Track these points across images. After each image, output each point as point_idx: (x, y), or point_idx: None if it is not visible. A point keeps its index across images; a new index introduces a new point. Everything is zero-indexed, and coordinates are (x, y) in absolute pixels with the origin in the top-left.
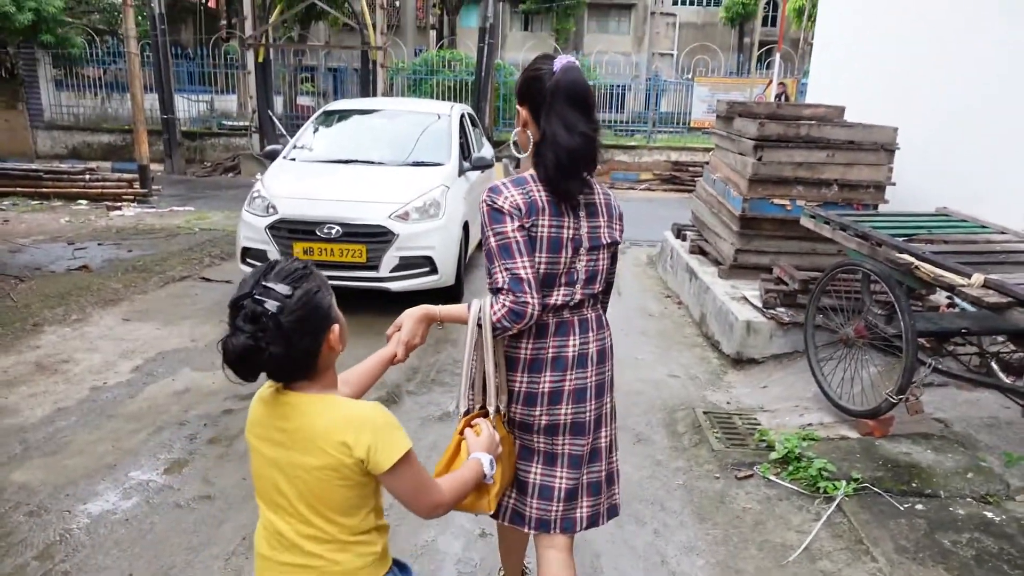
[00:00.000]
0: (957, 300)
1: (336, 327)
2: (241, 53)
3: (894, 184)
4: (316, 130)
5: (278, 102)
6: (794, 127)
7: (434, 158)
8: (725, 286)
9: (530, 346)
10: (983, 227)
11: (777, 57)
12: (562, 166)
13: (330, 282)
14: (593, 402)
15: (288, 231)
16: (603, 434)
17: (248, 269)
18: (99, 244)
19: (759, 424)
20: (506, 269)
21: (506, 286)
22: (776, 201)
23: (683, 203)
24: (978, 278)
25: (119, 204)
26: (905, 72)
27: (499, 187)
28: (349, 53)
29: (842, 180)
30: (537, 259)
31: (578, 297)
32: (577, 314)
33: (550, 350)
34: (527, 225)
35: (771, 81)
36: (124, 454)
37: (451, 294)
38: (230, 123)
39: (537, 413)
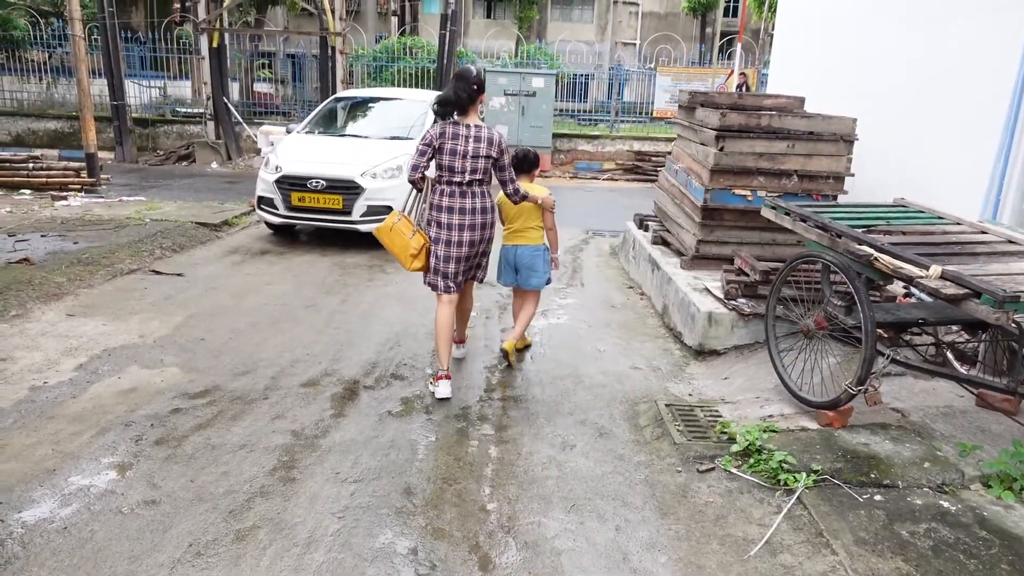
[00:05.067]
0: (914, 291)
1: None
2: (195, 38)
3: (853, 175)
4: (325, 111)
5: (234, 89)
6: (755, 117)
7: (407, 134)
8: (687, 277)
9: (444, 200)
10: (939, 218)
11: (738, 47)
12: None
13: (315, 222)
14: (465, 233)
15: (288, 184)
16: (474, 252)
17: (263, 214)
18: (42, 236)
19: (721, 416)
20: (414, 166)
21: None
22: (738, 192)
23: (646, 193)
24: (936, 270)
25: (65, 194)
26: (864, 63)
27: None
28: (308, 39)
29: (802, 171)
30: (441, 159)
31: (467, 178)
32: (467, 188)
33: (445, 199)
34: (435, 143)
35: (732, 71)
36: (64, 458)
37: None
38: (184, 110)
39: (444, 226)
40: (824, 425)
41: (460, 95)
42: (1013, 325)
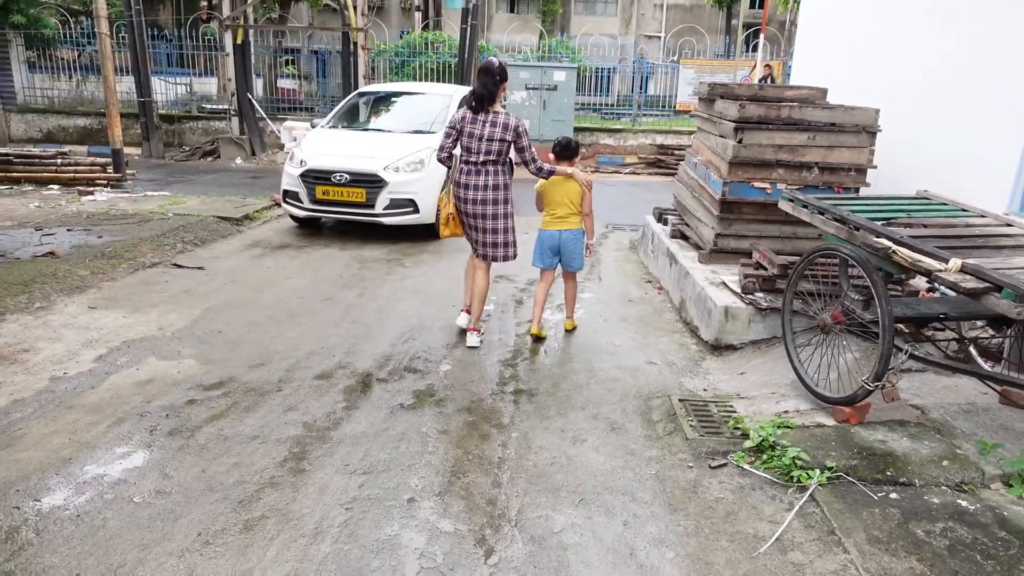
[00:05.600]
0: (937, 285)
1: None
2: (219, 34)
3: (876, 167)
4: (348, 106)
5: (258, 85)
6: (775, 109)
7: (429, 128)
8: (705, 271)
9: (461, 176)
10: (963, 211)
11: (762, 39)
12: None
13: (339, 216)
14: (477, 206)
15: (313, 177)
16: (488, 227)
17: (288, 207)
18: (68, 230)
19: (735, 412)
20: (440, 146)
21: (439, 151)
22: (757, 184)
23: (667, 187)
24: (955, 263)
25: (91, 189)
26: (889, 54)
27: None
28: (332, 35)
29: (823, 163)
30: (462, 140)
31: (482, 158)
32: (482, 167)
33: (462, 176)
34: (457, 127)
35: (756, 64)
36: (80, 447)
37: (431, 230)
38: (210, 106)
39: (461, 200)
40: (840, 421)
41: (489, 88)
42: None
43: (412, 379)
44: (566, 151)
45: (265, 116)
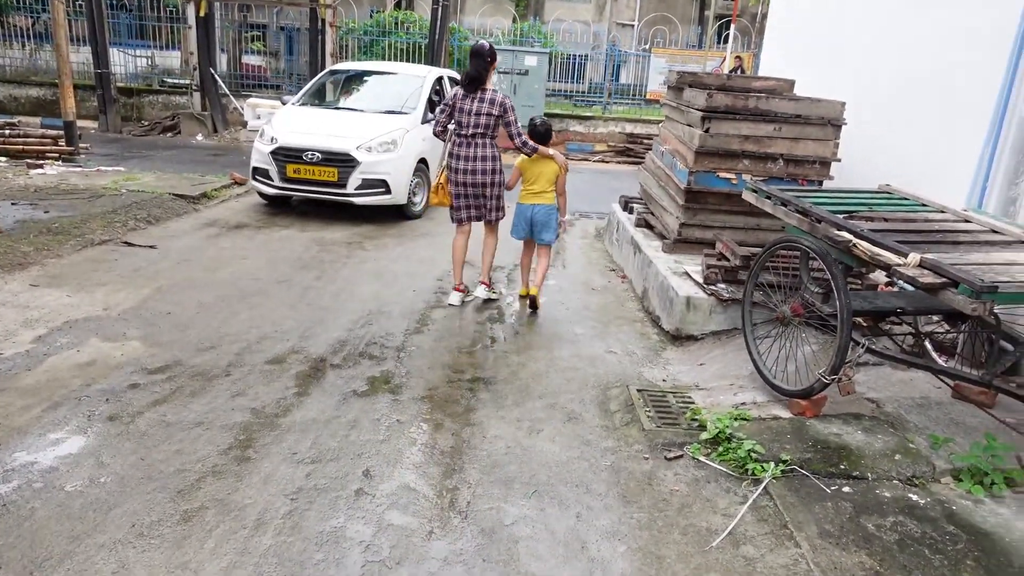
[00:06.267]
0: (895, 279)
1: None
2: (182, 6)
3: (840, 160)
4: (320, 84)
5: (222, 60)
6: (742, 99)
7: (403, 108)
8: (668, 261)
9: (454, 148)
10: (923, 205)
11: (733, 30)
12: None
13: (310, 195)
14: (468, 175)
15: (284, 155)
16: (480, 193)
17: (257, 184)
18: (13, 204)
19: (693, 403)
20: (436, 120)
21: (435, 125)
22: (722, 175)
23: (635, 176)
24: (914, 258)
25: (41, 162)
26: (855, 48)
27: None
28: (300, 11)
29: (788, 155)
30: (455, 116)
31: (471, 131)
32: (472, 139)
33: (455, 148)
34: (451, 103)
35: (727, 55)
36: (11, 432)
37: (402, 211)
38: (172, 80)
39: (454, 170)
40: (796, 414)
41: (480, 71)
42: (991, 316)
43: (367, 365)
44: (540, 134)
45: (228, 92)
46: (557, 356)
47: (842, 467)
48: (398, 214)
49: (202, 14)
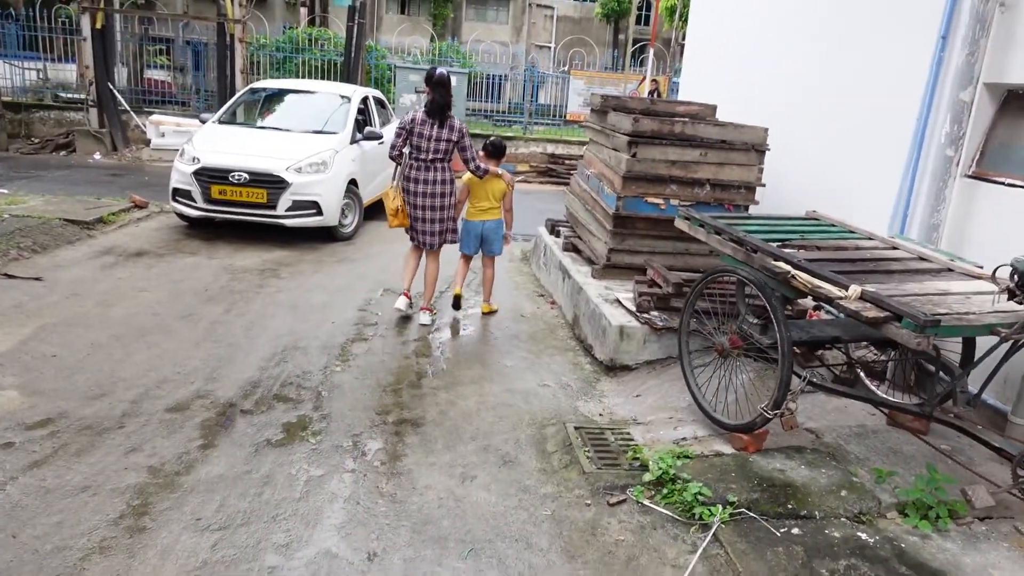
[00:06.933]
0: (826, 306)
1: None
2: (76, 17)
3: (764, 185)
4: (241, 102)
5: (122, 75)
6: (668, 124)
7: (331, 128)
8: (599, 287)
9: (411, 172)
10: (852, 232)
11: (650, 54)
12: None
13: (238, 217)
14: (427, 199)
15: (208, 176)
16: (436, 216)
17: (178, 206)
18: None
19: (632, 439)
20: (392, 144)
21: (391, 149)
22: (650, 200)
23: (559, 196)
24: (855, 290)
25: None
26: (774, 73)
27: (408, 114)
28: (208, 26)
29: (714, 180)
30: (412, 140)
31: (431, 156)
32: (431, 164)
33: (412, 171)
34: (409, 128)
35: (644, 77)
36: None
37: (332, 233)
38: (67, 95)
39: (411, 193)
40: (739, 449)
41: (447, 99)
42: (932, 348)
43: (282, 409)
44: (497, 151)
45: (129, 108)
46: (488, 392)
47: (790, 507)
48: (315, 237)
49: (98, 26)
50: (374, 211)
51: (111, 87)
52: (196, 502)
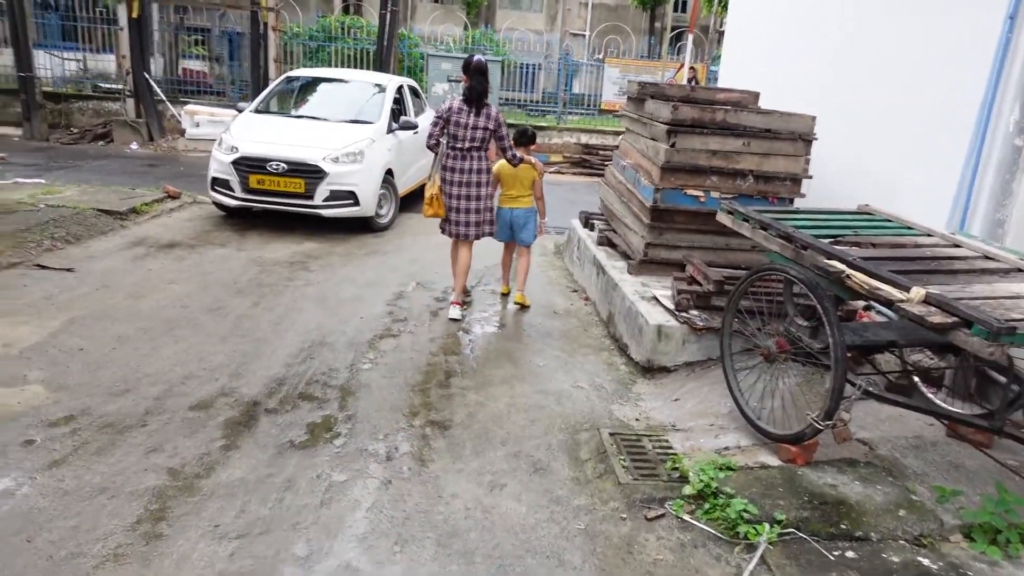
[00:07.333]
0: (880, 307)
1: None
2: (113, 6)
3: (811, 177)
4: (278, 90)
5: (158, 64)
6: (709, 112)
7: (367, 118)
8: (635, 283)
9: (448, 161)
10: (909, 228)
11: (689, 40)
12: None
13: (276, 207)
14: (463, 188)
15: (246, 165)
16: (472, 207)
17: (217, 195)
18: None
19: (671, 447)
20: (429, 134)
21: (428, 138)
22: (690, 192)
23: (592, 188)
24: (918, 292)
25: None
26: (823, 58)
27: (444, 103)
28: (243, 15)
29: (758, 171)
30: (449, 129)
31: (468, 145)
32: (468, 152)
33: (449, 160)
34: (446, 117)
35: (682, 65)
36: None
37: (368, 224)
38: (107, 85)
39: (448, 183)
40: (786, 461)
41: (484, 87)
42: (1005, 358)
43: (307, 408)
44: (524, 138)
45: (164, 98)
46: (519, 393)
47: (843, 527)
48: (346, 229)
49: (134, 15)
50: (408, 201)
51: (147, 77)
52: (215, 507)
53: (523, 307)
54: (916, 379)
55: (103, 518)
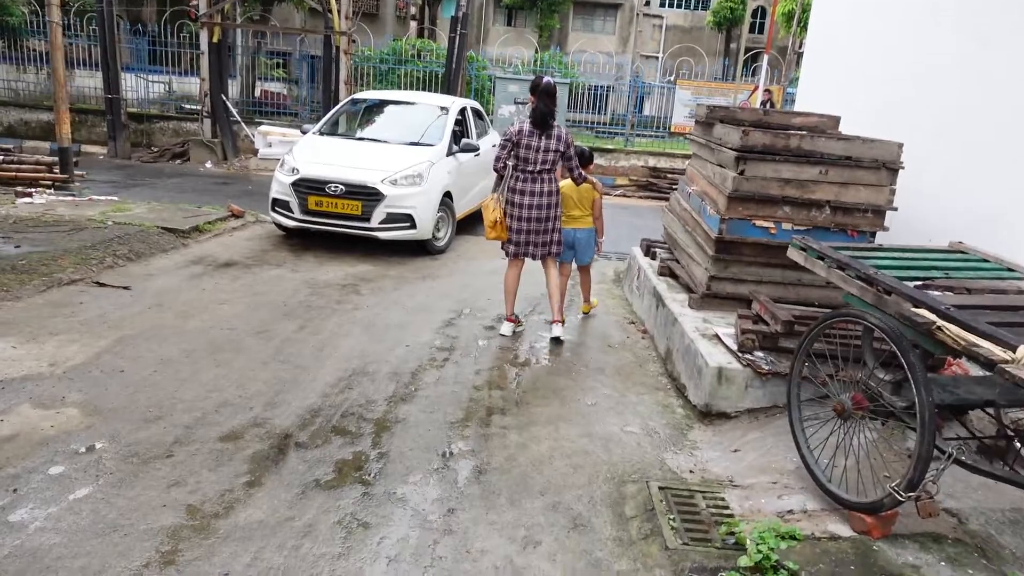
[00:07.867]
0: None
1: None
2: (197, 32)
3: (895, 209)
4: (342, 112)
5: (236, 86)
6: (783, 137)
7: (428, 140)
8: (696, 319)
9: (517, 184)
10: (1010, 270)
11: (764, 61)
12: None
13: (333, 228)
14: (533, 211)
15: (306, 187)
16: (541, 228)
17: (277, 216)
18: None
19: (727, 507)
20: (497, 156)
21: (496, 161)
22: (759, 223)
23: (657, 213)
24: None
25: (31, 190)
26: (907, 85)
27: (513, 125)
28: (317, 39)
29: (836, 202)
30: (518, 152)
31: (538, 168)
32: (538, 175)
33: (519, 183)
34: (515, 140)
35: (757, 87)
36: None
37: (425, 247)
38: (190, 106)
39: (516, 205)
40: (859, 532)
41: (552, 108)
42: None
43: (338, 444)
44: (582, 159)
45: (239, 119)
46: (564, 435)
47: None
48: (403, 251)
49: (214, 40)
50: (465, 224)
51: (223, 98)
52: (228, 552)
53: (587, 314)
54: (1017, 445)
55: (112, 559)
